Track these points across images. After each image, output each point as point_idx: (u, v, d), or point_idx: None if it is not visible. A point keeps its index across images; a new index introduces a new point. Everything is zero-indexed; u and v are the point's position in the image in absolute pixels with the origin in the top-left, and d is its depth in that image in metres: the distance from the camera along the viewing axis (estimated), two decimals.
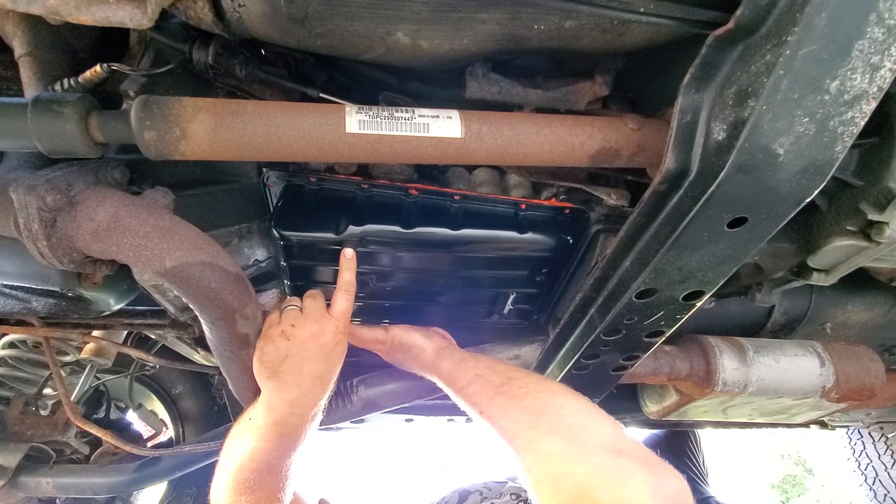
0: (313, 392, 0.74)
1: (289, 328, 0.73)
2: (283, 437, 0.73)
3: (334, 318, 0.76)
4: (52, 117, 0.56)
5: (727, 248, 0.63)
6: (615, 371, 1.00)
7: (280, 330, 0.73)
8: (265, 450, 0.72)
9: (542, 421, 0.62)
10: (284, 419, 0.72)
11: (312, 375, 0.73)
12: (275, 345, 0.72)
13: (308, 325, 0.74)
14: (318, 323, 0.74)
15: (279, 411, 0.72)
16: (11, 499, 1.48)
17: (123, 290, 0.81)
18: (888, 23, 0.45)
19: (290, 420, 0.73)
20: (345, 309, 0.77)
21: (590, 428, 0.60)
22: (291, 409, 0.72)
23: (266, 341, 0.73)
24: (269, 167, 0.83)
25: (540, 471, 0.58)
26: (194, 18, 0.57)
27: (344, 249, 0.81)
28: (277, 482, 0.74)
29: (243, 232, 0.91)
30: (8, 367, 1.45)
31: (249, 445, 0.73)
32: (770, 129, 0.50)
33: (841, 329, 1.15)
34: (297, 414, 0.73)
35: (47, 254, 0.60)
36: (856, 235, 0.76)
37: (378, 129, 0.60)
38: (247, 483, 0.73)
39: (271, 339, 0.72)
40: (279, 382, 0.72)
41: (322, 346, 0.73)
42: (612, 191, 0.81)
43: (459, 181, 0.87)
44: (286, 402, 0.72)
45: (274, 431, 0.72)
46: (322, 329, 0.74)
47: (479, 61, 0.68)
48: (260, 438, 0.72)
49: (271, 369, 0.72)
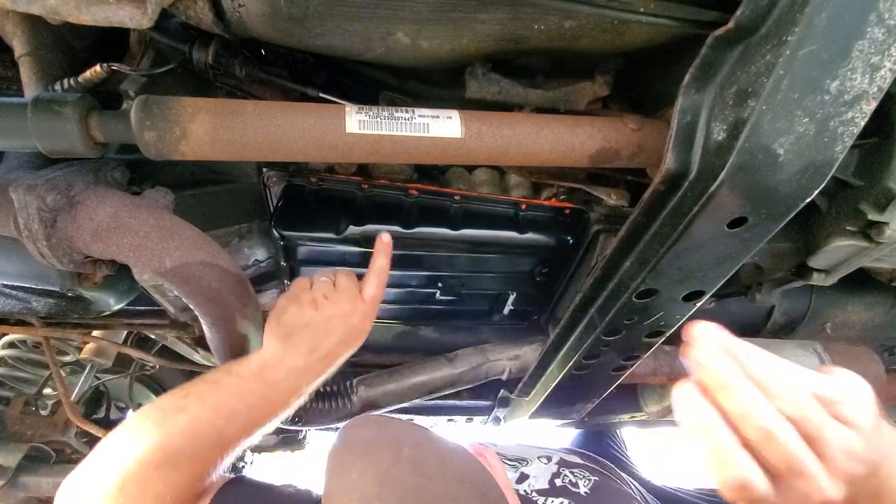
0: (315, 370, 0.69)
1: (321, 298, 0.70)
2: (262, 404, 0.64)
3: (365, 303, 0.72)
4: (52, 117, 0.56)
5: (727, 248, 0.63)
6: (615, 371, 0.99)
7: (312, 297, 0.70)
8: (232, 410, 0.61)
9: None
10: (276, 384, 0.65)
11: (325, 352, 0.69)
12: (301, 308, 0.69)
13: (342, 302, 0.70)
14: (351, 304, 0.71)
15: (274, 374, 0.66)
16: (11, 499, 1.48)
17: (123, 290, 0.81)
18: (888, 23, 0.45)
19: (280, 388, 0.66)
20: (376, 294, 0.74)
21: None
22: (289, 375, 0.66)
23: (291, 301, 0.70)
24: (269, 167, 0.83)
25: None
26: (194, 18, 0.57)
27: (381, 234, 0.77)
28: (213, 461, 0.60)
29: (243, 232, 0.91)
30: (8, 367, 1.45)
31: (214, 400, 0.61)
32: (770, 129, 0.50)
33: (841, 329, 1.15)
34: (293, 384, 0.67)
35: (47, 254, 0.60)
36: (856, 236, 0.76)
37: (378, 129, 0.60)
38: (177, 454, 0.56)
39: (298, 302, 0.69)
40: (288, 346, 0.67)
41: (347, 329, 0.70)
42: (612, 191, 0.81)
43: (459, 181, 0.87)
44: (286, 368, 0.66)
45: (256, 391, 0.64)
46: (353, 310, 0.70)
47: (479, 61, 0.67)
48: (234, 395, 0.62)
49: (287, 331, 0.68)
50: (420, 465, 0.50)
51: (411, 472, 0.49)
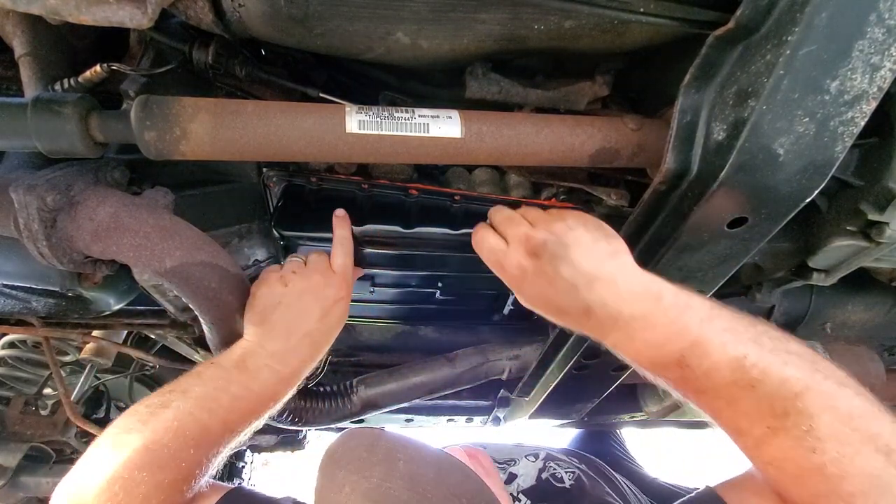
0: (299, 353, 0.66)
1: (289, 274, 0.68)
2: (245, 394, 0.61)
3: (336, 274, 0.71)
4: (52, 117, 0.56)
5: (727, 248, 0.63)
6: (615, 371, 1.00)
7: (280, 275, 0.68)
8: (215, 403, 0.58)
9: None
10: (258, 371, 0.62)
11: (303, 332, 0.66)
12: (270, 288, 0.67)
13: (311, 276, 0.69)
14: (322, 276, 0.69)
15: (255, 360, 0.63)
16: (11, 499, 1.48)
17: (123, 290, 0.81)
18: (888, 23, 0.45)
19: (263, 376, 0.62)
20: (345, 263, 0.73)
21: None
22: (270, 362, 0.63)
23: (261, 284, 0.68)
24: (269, 167, 0.83)
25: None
26: (194, 18, 0.57)
27: (335, 211, 0.77)
28: (199, 461, 0.57)
29: (243, 232, 0.91)
30: (8, 367, 1.45)
31: (196, 393, 0.59)
32: (770, 129, 0.50)
33: (841, 329, 1.15)
34: (273, 371, 0.63)
35: (47, 254, 0.60)
36: (856, 236, 0.76)
37: (378, 129, 0.60)
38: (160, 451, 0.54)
39: (267, 283, 0.67)
40: (265, 329, 0.65)
41: (321, 300, 0.68)
42: (612, 191, 0.81)
43: (459, 181, 0.87)
44: (266, 352, 0.63)
45: (238, 381, 0.61)
46: (326, 282, 0.69)
47: (479, 61, 0.68)
48: (217, 387, 0.60)
49: (261, 315, 0.65)
50: (415, 480, 0.49)
51: (406, 488, 0.48)
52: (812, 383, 0.46)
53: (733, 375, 0.48)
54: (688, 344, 0.51)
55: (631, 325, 0.54)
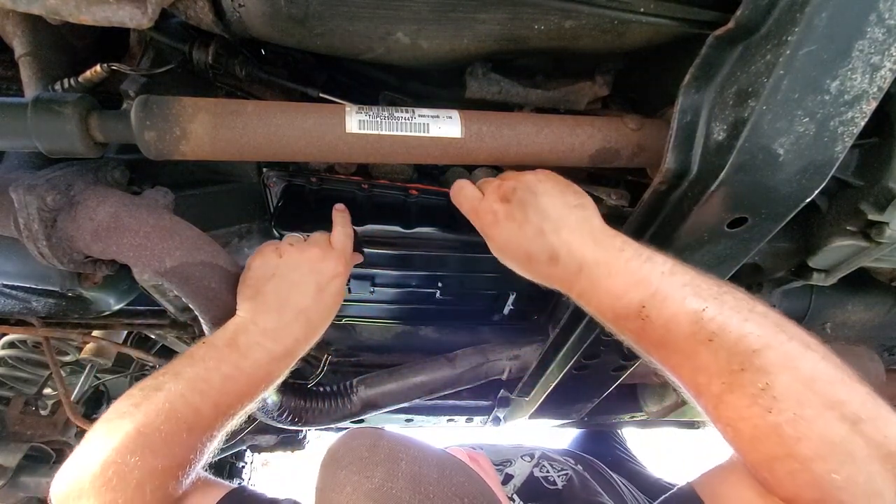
0: (293, 330, 0.63)
1: (285, 246, 0.66)
2: (237, 373, 0.59)
3: (335, 250, 0.69)
4: (52, 117, 0.56)
5: (727, 248, 0.63)
6: (615, 371, 1.00)
7: (276, 247, 0.66)
8: (206, 383, 0.57)
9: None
10: (249, 348, 0.60)
11: (297, 308, 0.63)
12: (264, 259, 0.64)
13: (308, 247, 0.66)
14: (319, 248, 0.67)
15: (247, 338, 0.60)
16: (11, 499, 1.48)
17: (123, 290, 0.82)
18: (888, 23, 0.45)
19: (254, 354, 0.60)
20: (344, 241, 0.71)
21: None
22: (262, 339, 0.60)
23: (256, 256, 0.66)
24: (269, 167, 0.83)
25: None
26: (194, 18, 0.57)
27: (335, 206, 0.76)
28: (192, 446, 0.56)
29: (243, 232, 0.91)
30: (8, 367, 1.45)
31: (188, 374, 0.57)
32: (770, 129, 0.50)
33: (841, 329, 1.15)
34: (265, 350, 0.61)
35: (47, 254, 0.60)
36: (856, 236, 0.76)
37: (378, 129, 0.60)
38: (153, 434, 0.53)
39: (262, 254, 0.65)
40: (257, 304, 0.62)
41: (317, 274, 0.65)
42: (612, 191, 0.81)
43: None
44: (258, 328, 0.61)
45: (229, 360, 0.59)
46: (323, 256, 0.66)
47: (479, 61, 0.68)
48: (208, 366, 0.58)
49: (253, 288, 0.63)
50: (418, 480, 0.49)
51: (408, 488, 0.48)
52: (773, 342, 0.46)
53: (692, 328, 0.48)
54: (648, 294, 0.51)
55: (594, 272, 0.54)
